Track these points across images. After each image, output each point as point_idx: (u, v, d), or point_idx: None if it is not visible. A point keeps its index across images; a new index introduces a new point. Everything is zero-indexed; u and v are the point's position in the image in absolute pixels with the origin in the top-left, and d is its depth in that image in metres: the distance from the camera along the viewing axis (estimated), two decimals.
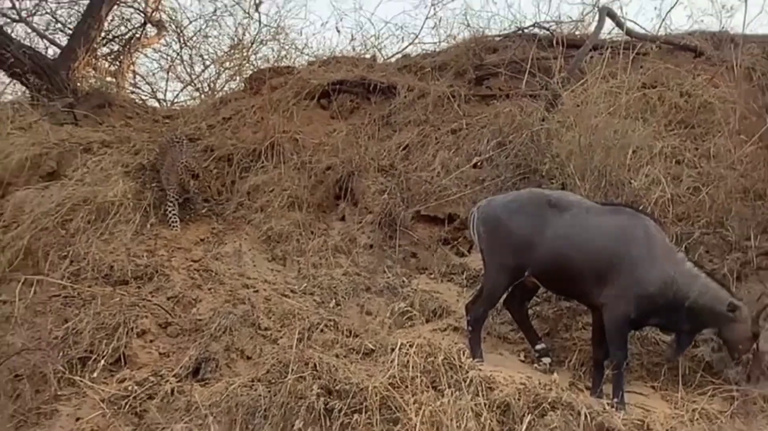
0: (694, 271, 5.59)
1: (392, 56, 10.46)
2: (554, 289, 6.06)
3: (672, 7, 9.66)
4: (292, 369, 5.23)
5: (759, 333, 5.55)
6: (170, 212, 7.34)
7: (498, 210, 5.97)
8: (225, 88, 10.80)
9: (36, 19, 11.87)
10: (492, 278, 5.94)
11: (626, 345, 5.61)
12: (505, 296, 6.00)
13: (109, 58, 11.64)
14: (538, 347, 5.97)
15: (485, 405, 4.97)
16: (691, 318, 5.55)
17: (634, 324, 5.67)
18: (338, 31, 15.89)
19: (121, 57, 11.61)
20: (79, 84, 9.76)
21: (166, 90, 12.24)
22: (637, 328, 5.83)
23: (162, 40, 12.14)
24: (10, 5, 11.54)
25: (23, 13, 11.68)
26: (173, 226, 7.31)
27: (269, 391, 5.15)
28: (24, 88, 9.82)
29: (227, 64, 11.39)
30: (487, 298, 5.95)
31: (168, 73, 12.19)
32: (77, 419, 5.27)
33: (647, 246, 5.58)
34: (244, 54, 11.11)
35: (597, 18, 9.23)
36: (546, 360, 5.91)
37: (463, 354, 5.45)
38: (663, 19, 9.71)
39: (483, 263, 6.10)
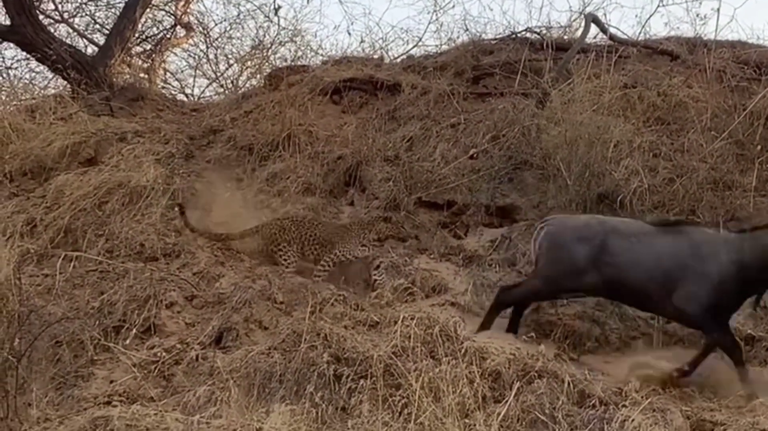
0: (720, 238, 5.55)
1: (398, 57, 10.34)
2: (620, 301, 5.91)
3: (651, 15, 9.60)
4: (305, 339, 5.20)
5: None
6: None
7: (565, 233, 5.77)
8: (247, 85, 10.68)
9: (76, 20, 11.79)
10: (536, 286, 5.82)
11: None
12: None
13: (142, 56, 11.57)
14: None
15: (478, 373, 4.92)
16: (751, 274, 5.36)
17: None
18: (349, 34, 15.88)
19: (153, 55, 11.54)
20: (115, 79, 9.66)
21: (193, 86, 12.16)
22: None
23: (190, 41, 12.05)
24: (53, 7, 11.51)
25: (65, 15, 11.61)
26: None
27: (284, 358, 5.12)
28: (65, 83, 9.72)
29: (249, 62, 11.28)
30: (522, 297, 5.87)
31: (195, 70, 12.12)
32: (111, 382, 5.23)
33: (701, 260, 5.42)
34: (264, 54, 11.00)
35: (583, 24, 9.14)
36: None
37: (459, 326, 5.40)
38: (643, 26, 9.63)
39: (534, 268, 5.94)
